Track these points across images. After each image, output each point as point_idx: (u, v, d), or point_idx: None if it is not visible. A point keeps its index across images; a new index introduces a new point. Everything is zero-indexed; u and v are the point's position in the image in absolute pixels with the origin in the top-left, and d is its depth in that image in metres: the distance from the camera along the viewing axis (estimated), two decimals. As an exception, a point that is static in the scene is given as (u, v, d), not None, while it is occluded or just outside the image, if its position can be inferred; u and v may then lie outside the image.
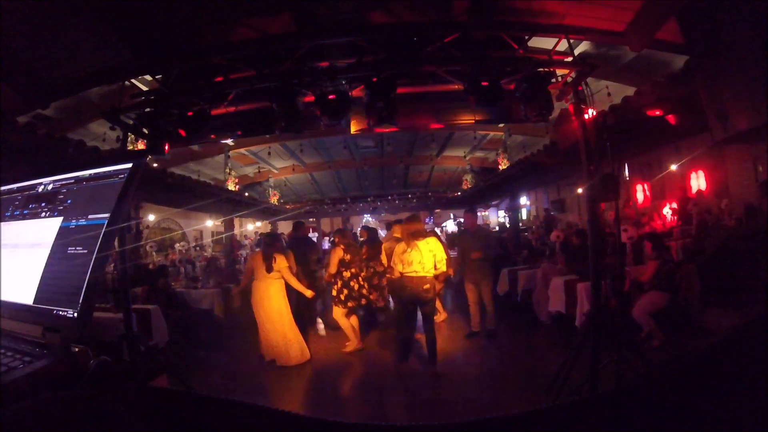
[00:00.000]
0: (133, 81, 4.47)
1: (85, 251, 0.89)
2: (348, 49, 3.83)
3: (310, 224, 14.52)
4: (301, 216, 12.39)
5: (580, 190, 9.15)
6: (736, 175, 6.73)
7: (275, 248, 4.58)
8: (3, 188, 1.18)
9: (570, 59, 3.76)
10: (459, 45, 3.69)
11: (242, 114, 4.37)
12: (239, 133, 4.69)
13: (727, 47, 2.01)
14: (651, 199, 8.25)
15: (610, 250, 3.55)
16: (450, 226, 16.86)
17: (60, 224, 0.99)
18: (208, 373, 4.47)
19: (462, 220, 7.98)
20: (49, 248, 0.97)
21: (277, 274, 4.42)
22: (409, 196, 15.71)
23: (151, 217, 11.01)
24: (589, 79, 3.74)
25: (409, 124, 4.83)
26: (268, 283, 4.41)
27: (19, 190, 1.16)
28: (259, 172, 12.22)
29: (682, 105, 3.76)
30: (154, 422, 0.65)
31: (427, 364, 4.06)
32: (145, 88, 4.51)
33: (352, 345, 4.76)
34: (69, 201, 1.03)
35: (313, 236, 12.70)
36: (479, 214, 15.31)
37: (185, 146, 7.70)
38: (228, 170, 9.56)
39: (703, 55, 2.24)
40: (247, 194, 10.41)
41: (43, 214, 1.05)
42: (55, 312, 0.88)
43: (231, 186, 9.37)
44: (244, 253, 10.97)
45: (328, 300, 5.62)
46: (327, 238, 13.24)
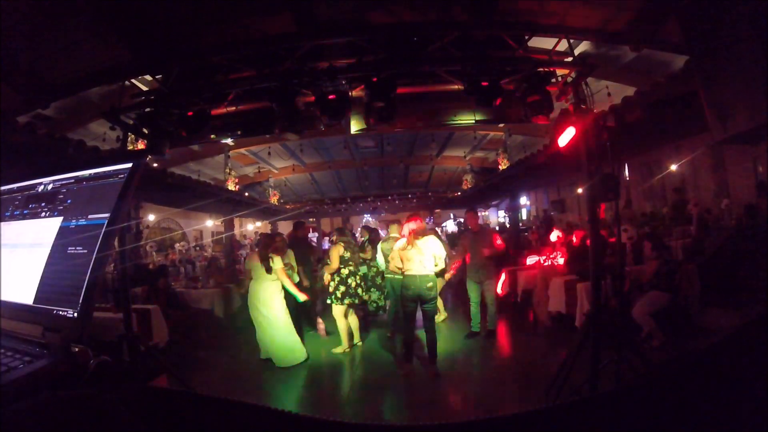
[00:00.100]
0: (133, 81, 4.48)
1: (85, 251, 0.89)
2: (348, 49, 3.83)
3: (310, 224, 14.51)
4: (301, 216, 12.37)
5: (580, 190, 9.14)
6: (736, 175, 6.74)
7: (272, 249, 4.58)
8: (3, 188, 1.18)
9: (570, 59, 3.76)
10: (459, 45, 3.69)
11: (242, 114, 4.37)
12: (239, 133, 4.69)
13: (727, 47, 2.01)
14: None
15: (609, 250, 3.55)
16: (450, 226, 16.87)
17: (60, 224, 0.99)
18: (208, 373, 4.47)
19: (462, 220, 7.95)
20: (49, 248, 0.97)
21: (275, 275, 4.42)
22: (409, 196, 15.67)
23: (151, 217, 11.01)
24: (589, 79, 3.74)
25: (409, 124, 4.83)
26: (265, 284, 4.41)
27: (19, 189, 1.15)
28: (259, 172, 12.21)
29: (682, 105, 3.75)
30: (154, 422, 0.65)
31: (427, 364, 4.06)
32: (145, 88, 4.51)
33: (341, 347, 4.77)
34: (69, 201, 1.03)
35: (313, 236, 12.69)
36: (479, 214, 15.28)
37: (185, 146, 7.72)
38: (228, 170, 9.55)
39: (703, 55, 2.24)
40: (247, 194, 10.38)
41: (43, 214, 1.04)
42: (55, 312, 0.87)
43: (231, 186, 9.35)
44: (244, 253, 10.96)
45: (328, 300, 5.62)
46: (327, 238, 13.24)
